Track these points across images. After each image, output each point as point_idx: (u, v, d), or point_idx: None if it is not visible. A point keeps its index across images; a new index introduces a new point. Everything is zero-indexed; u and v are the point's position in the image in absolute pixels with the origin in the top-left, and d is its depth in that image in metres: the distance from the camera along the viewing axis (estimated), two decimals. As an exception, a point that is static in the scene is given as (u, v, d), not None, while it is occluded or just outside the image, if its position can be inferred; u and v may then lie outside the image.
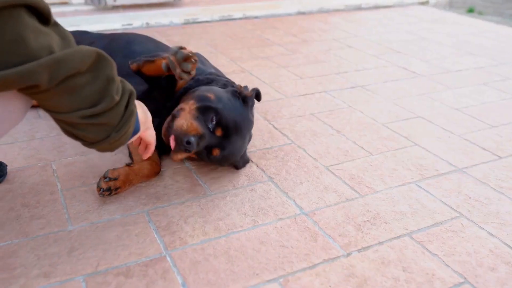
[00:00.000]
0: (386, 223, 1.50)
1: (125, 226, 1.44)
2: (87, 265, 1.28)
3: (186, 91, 1.70)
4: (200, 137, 1.50)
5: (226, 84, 1.76)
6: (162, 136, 1.53)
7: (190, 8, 4.20)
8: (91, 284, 1.22)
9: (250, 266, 1.30)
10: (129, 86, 1.15)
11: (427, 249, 1.39)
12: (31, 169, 1.70)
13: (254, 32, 3.66)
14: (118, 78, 1.10)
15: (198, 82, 1.73)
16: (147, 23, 3.71)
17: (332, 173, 1.76)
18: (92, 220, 1.46)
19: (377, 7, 4.66)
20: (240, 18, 4.06)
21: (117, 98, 1.07)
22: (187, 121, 1.50)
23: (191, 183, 1.67)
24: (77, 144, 1.85)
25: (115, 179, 1.54)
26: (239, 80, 2.63)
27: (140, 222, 1.46)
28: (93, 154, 1.82)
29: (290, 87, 2.57)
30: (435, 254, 1.37)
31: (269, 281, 1.25)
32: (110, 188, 1.53)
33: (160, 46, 2.08)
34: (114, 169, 1.57)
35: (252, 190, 1.64)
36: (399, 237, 1.44)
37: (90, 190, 1.60)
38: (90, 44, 2.05)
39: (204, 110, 1.55)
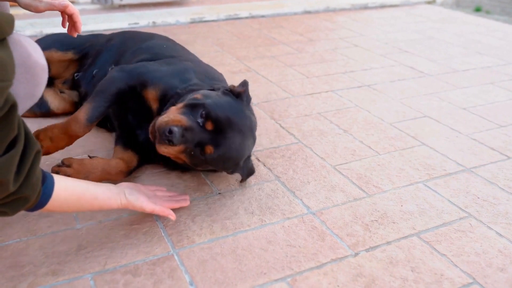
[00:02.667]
0: (394, 222, 1.49)
1: (132, 224, 1.44)
2: (95, 263, 1.28)
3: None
4: (186, 129, 1.39)
5: (215, 88, 1.64)
6: (150, 135, 1.45)
7: (197, 7, 4.20)
8: (99, 282, 1.22)
9: (258, 265, 1.30)
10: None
11: (435, 249, 1.38)
12: (39, 168, 1.71)
13: (260, 31, 3.66)
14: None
15: (179, 94, 1.63)
16: (154, 22, 3.71)
17: (340, 172, 1.76)
18: (100, 218, 1.46)
19: (383, 6, 4.64)
20: (246, 17, 4.05)
21: None
22: (171, 114, 1.42)
23: (198, 182, 1.67)
24: (84, 143, 1.85)
25: (68, 166, 1.55)
26: (245, 79, 2.62)
27: (147, 220, 1.46)
28: (100, 153, 1.82)
29: (296, 86, 2.56)
30: (444, 254, 1.36)
31: (276, 280, 1.25)
32: (58, 172, 1.51)
33: (173, 46, 2.04)
34: (71, 157, 1.57)
35: (259, 189, 1.64)
36: (407, 237, 1.43)
37: (98, 188, 1.61)
38: (108, 40, 2.06)
39: (192, 107, 1.45)
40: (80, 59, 2.05)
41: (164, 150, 1.41)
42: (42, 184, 1.10)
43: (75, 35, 1.58)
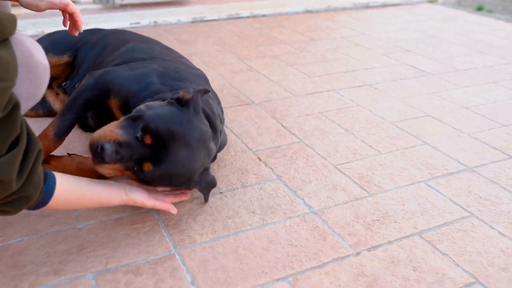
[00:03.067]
0: (395, 222, 1.49)
1: (134, 224, 1.44)
2: (97, 262, 1.28)
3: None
4: (121, 144, 1.27)
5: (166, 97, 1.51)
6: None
7: (198, 7, 4.20)
8: (100, 281, 1.22)
9: (259, 264, 1.29)
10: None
11: (437, 248, 1.38)
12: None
13: (261, 30, 3.66)
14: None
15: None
16: (155, 22, 3.71)
17: (341, 172, 1.76)
18: (101, 218, 1.46)
19: (385, 5, 4.64)
20: (248, 17, 4.05)
21: None
22: (107, 129, 1.31)
23: (199, 181, 1.67)
24: (85, 142, 1.85)
25: (46, 162, 1.56)
26: (246, 78, 2.63)
27: (148, 220, 1.46)
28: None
29: (298, 86, 2.56)
30: (446, 254, 1.36)
31: (278, 279, 1.25)
32: None
33: (152, 49, 1.93)
34: (52, 154, 1.58)
35: (260, 188, 1.64)
36: (408, 236, 1.43)
37: (99, 188, 1.61)
38: (95, 42, 2.03)
39: (134, 120, 1.32)
40: (74, 60, 2.04)
41: (99, 168, 1.30)
42: (44, 183, 1.11)
43: (76, 33, 1.58)
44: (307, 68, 2.83)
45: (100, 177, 1.53)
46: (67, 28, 1.58)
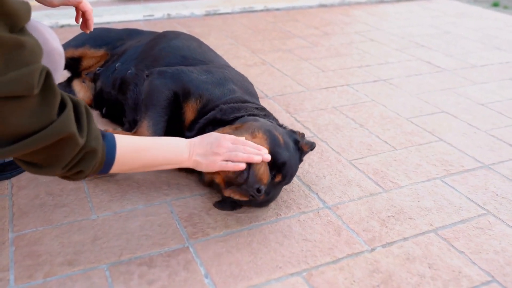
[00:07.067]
0: (411, 218, 1.47)
1: (147, 216, 1.44)
2: (111, 254, 1.28)
3: (211, 122, 1.57)
4: (267, 184, 1.38)
5: (265, 114, 1.62)
6: (221, 174, 1.38)
7: (211, 0, 4.19)
8: (114, 273, 1.22)
9: (273, 259, 1.29)
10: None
11: (453, 246, 1.36)
12: (54, 158, 1.71)
13: (275, 24, 3.63)
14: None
15: (223, 111, 1.58)
16: (168, 14, 3.71)
17: (355, 167, 1.74)
18: (115, 209, 1.46)
19: (399, 0, 4.59)
20: (261, 10, 4.03)
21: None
22: (265, 168, 1.36)
23: (213, 174, 1.66)
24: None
25: None
26: (260, 72, 2.61)
27: (162, 212, 1.46)
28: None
29: (312, 80, 2.54)
30: (462, 252, 1.34)
31: (292, 274, 1.24)
32: None
33: (203, 48, 1.98)
34: None
35: (274, 182, 1.63)
36: (424, 233, 1.41)
37: (113, 180, 1.61)
38: (138, 41, 2.05)
39: (277, 156, 1.40)
40: (111, 55, 2.06)
41: (232, 194, 1.39)
42: (103, 139, 1.13)
43: (87, 32, 1.58)
44: (321, 63, 2.81)
45: None
46: (79, 24, 1.59)
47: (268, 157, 1.36)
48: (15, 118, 0.91)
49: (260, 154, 1.35)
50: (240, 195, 1.37)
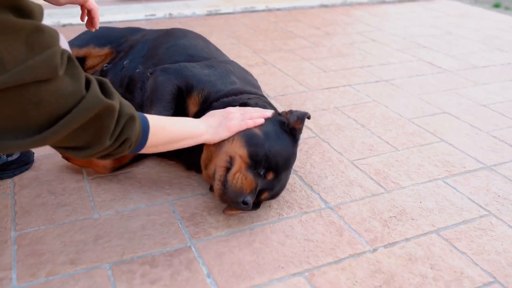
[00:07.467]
0: (412, 219, 1.47)
1: (149, 215, 1.44)
2: (113, 253, 1.28)
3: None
4: (255, 189, 1.36)
5: (261, 104, 1.58)
6: (218, 197, 1.38)
7: (213, 0, 4.19)
8: (117, 272, 1.22)
9: (275, 259, 1.29)
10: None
11: (455, 247, 1.36)
12: (57, 157, 1.71)
13: (276, 24, 3.63)
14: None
15: (224, 104, 1.58)
16: (170, 14, 3.71)
17: (357, 167, 1.74)
18: (117, 208, 1.46)
19: (401, 1, 4.59)
20: (263, 10, 4.03)
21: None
22: (241, 179, 1.34)
23: (215, 174, 1.66)
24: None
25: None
26: (261, 72, 2.61)
27: (164, 212, 1.46)
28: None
29: (313, 80, 2.54)
30: (464, 252, 1.34)
31: (294, 274, 1.24)
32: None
33: (210, 47, 1.98)
34: None
35: (276, 182, 1.63)
36: (426, 234, 1.41)
37: (115, 179, 1.61)
38: (143, 35, 2.06)
39: (256, 156, 1.37)
40: (115, 53, 2.06)
41: (233, 213, 1.43)
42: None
43: (93, 30, 1.59)
44: (322, 63, 2.81)
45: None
46: (84, 23, 1.59)
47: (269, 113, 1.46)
48: (47, 100, 0.91)
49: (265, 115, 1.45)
50: (237, 210, 1.40)
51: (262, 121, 1.44)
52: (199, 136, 1.38)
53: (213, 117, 1.45)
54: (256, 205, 1.43)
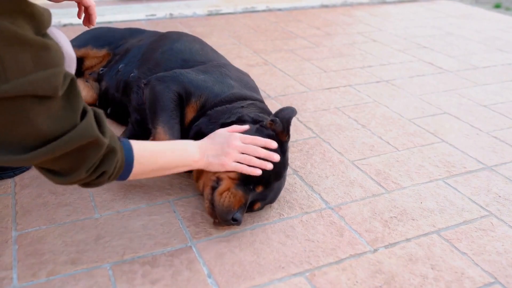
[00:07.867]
0: (413, 219, 1.47)
1: (150, 215, 1.44)
2: (114, 253, 1.28)
3: (202, 129, 1.54)
4: (245, 204, 1.36)
5: (255, 117, 1.53)
6: (208, 214, 1.39)
7: (214, 0, 4.19)
8: (117, 272, 1.22)
9: (276, 259, 1.29)
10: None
11: (455, 247, 1.36)
12: (57, 157, 1.71)
13: (277, 24, 3.64)
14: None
15: (218, 113, 1.56)
16: (171, 14, 3.71)
17: (358, 168, 1.74)
18: (118, 208, 1.46)
19: (402, 1, 4.59)
20: (264, 10, 4.03)
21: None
22: (230, 193, 1.34)
23: (215, 174, 1.66)
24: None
25: None
26: (262, 72, 2.61)
27: (165, 212, 1.46)
28: (118, 143, 1.82)
29: (314, 80, 2.54)
30: (464, 253, 1.34)
31: (295, 274, 1.24)
32: None
33: (205, 50, 1.96)
34: None
35: (277, 183, 1.63)
36: (426, 234, 1.41)
37: (116, 179, 1.61)
38: (138, 41, 2.05)
39: (245, 175, 1.36)
40: (112, 56, 2.07)
41: (223, 226, 1.41)
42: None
43: (90, 27, 1.58)
44: (323, 63, 2.81)
45: None
46: (81, 20, 1.59)
47: (277, 157, 1.39)
48: (41, 119, 0.92)
49: (272, 158, 1.38)
50: (227, 225, 1.38)
51: (265, 167, 1.36)
52: (191, 164, 1.35)
53: (213, 143, 1.37)
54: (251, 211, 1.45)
